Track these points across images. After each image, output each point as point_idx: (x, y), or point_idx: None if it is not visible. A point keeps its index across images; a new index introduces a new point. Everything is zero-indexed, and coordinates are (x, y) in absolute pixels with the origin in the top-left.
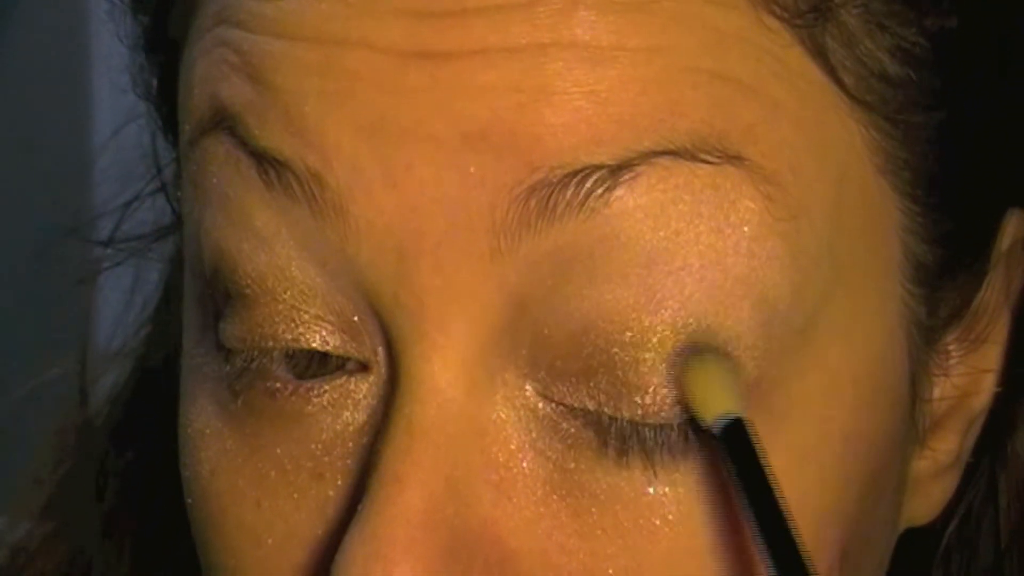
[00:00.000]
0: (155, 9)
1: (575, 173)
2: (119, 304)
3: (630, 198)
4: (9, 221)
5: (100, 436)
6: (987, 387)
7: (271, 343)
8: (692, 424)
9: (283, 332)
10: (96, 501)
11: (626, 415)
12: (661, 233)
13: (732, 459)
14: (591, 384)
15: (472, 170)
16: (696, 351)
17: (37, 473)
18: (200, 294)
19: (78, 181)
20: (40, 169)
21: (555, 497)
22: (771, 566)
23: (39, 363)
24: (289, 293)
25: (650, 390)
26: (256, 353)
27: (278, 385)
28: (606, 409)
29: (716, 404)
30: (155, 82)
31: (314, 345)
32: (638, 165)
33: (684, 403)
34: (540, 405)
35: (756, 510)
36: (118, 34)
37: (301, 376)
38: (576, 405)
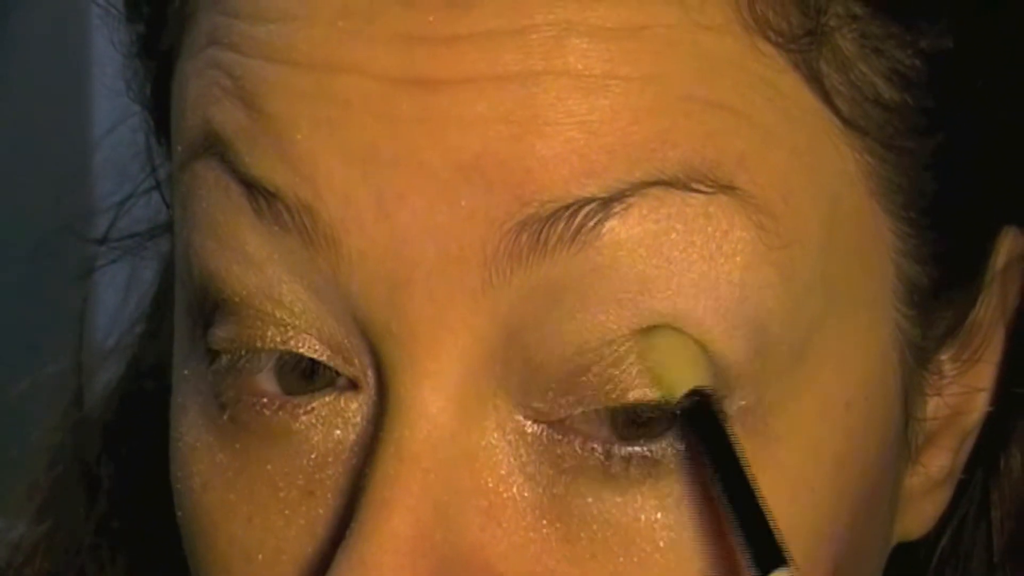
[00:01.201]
0: (148, 20)
1: (566, 207)
2: (115, 302)
3: (622, 229)
4: (5, 218)
5: (95, 434)
6: (980, 405)
7: (259, 344)
8: (687, 444)
9: (272, 335)
10: (90, 500)
11: (623, 436)
12: (654, 261)
13: (700, 434)
14: (586, 406)
15: (463, 203)
16: (657, 328)
17: (33, 471)
18: (189, 307)
19: (75, 179)
20: (37, 167)
21: (545, 522)
22: (743, 541)
23: (35, 361)
24: (279, 313)
25: (647, 410)
26: (244, 352)
27: (264, 400)
28: (602, 431)
29: (682, 380)
30: (148, 89)
31: (302, 350)
32: (630, 196)
33: (653, 383)
34: (531, 429)
35: (725, 485)
36: (112, 40)
37: (289, 392)
38: (570, 428)
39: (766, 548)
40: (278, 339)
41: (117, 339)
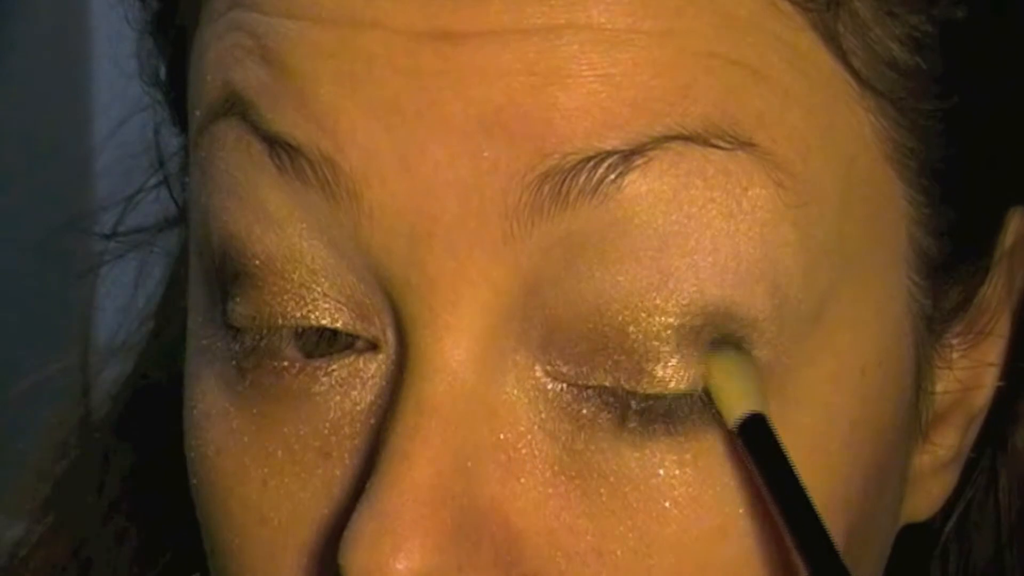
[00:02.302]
0: None
1: (588, 159)
2: (122, 298)
3: (643, 183)
4: (11, 214)
5: (102, 430)
6: (989, 382)
7: (280, 321)
8: (709, 400)
9: (292, 310)
10: (97, 494)
11: (643, 391)
12: (673, 217)
13: (754, 457)
14: (606, 363)
15: (485, 155)
16: (717, 348)
17: (39, 467)
18: (207, 276)
19: (80, 174)
20: (42, 163)
21: (564, 478)
22: (808, 565)
23: (42, 357)
24: (299, 273)
25: (667, 366)
26: (265, 331)
27: (286, 364)
28: (625, 386)
29: (739, 403)
30: (163, 68)
31: (323, 322)
32: (651, 150)
33: (707, 400)
34: (551, 386)
35: (785, 508)
36: (126, 17)
37: (310, 355)
38: (590, 384)
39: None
40: (298, 313)
41: (125, 336)
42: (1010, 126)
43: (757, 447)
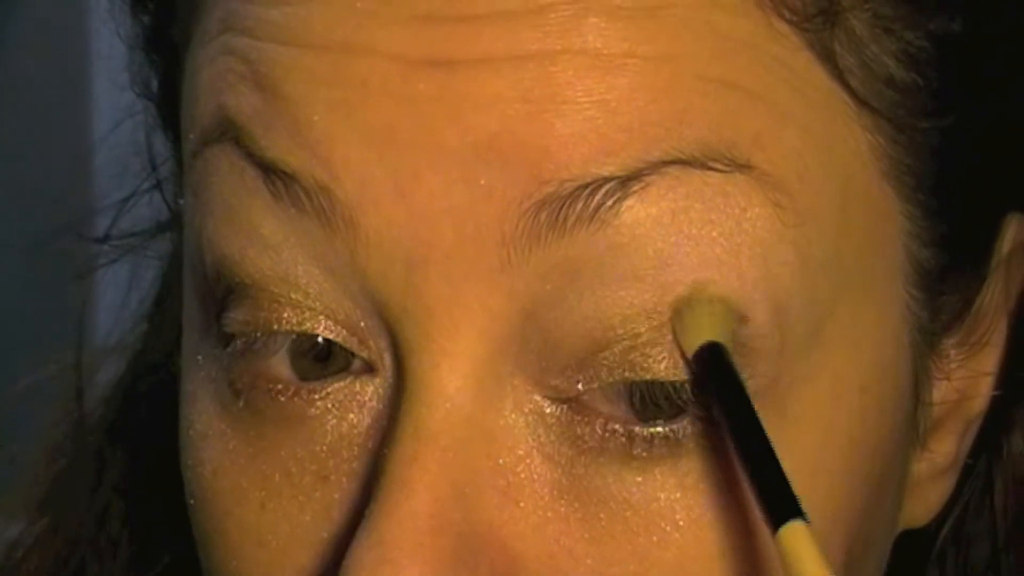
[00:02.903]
0: (156, 10)
1: (585, 186)
2: (116, 301)
3: (640, 208)
4: (6, 217)
5: (96, 432)
6: (985, 390)
7: (275, 327)
8: (708, 420)
9: (288, 317)
10: (91, 496)
11: (640, 415)
12: (673, 239)
13: (714, 387)
14: (605, 384)
15: (482, 182)
16: (689, 303)
17: (33, 470)
18: (201, 293)
19: (76, 178)
20: (38, 166)
21: (563, 502)
22: (757, 493)
23: (35, 360)
24: (295, 295)
25: (669, 385)
26: (259, 335)
27: (280, 386)
28: (619, 410)
29: (700, 335)
30: (155, 82)
31: (319, 331)
32: (648, 175)
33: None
34: (549, 409)
35: (738, 437)
36: (118, 32)
37: (304, 377)
38: (589, 408)
39: (780, 498)
40: (294, 320)
41: (118, 338)
42: (1007, 136)
43: (715, 377)
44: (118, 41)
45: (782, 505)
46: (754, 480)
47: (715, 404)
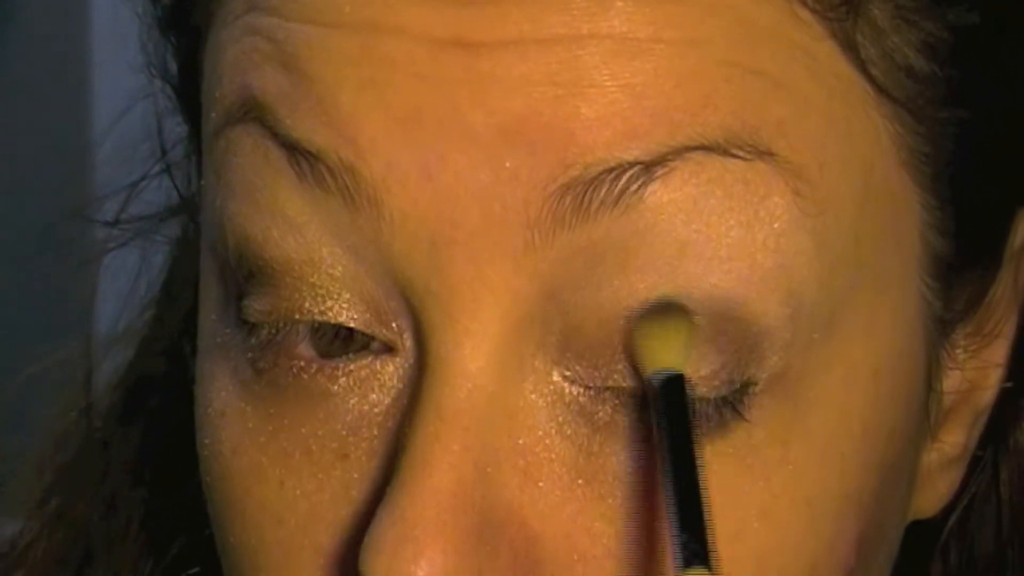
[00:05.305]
0: None
1: (610, 170)
2: (124, 286)
3: (664, 193)
4: (12, 202)
5: (103, 419)
6: (995, 381)
7: (297, 316)
8: (725, 402)
9: (309, 306)
10: (99, 484)
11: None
12: (693, 226)
13: (664, 412)
14: (623, 368)
15: (507, 165)
16: (661, 306)
17: (40, 458)
18: (221, 274)
19: (82, 162)
20: (44, 150)
21: (581, 481)
22: (675, 528)
23: (43, 346)
24: (317, 276)
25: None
26: (281, 325)
27: (302, 363)
28: (635, 392)
29: (664, 358)
30: (174, 64)
31: (340, 319)
32: (672, 160)
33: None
34: (568, 391)
35: (675, 465)
36: (136, 12)
37: (325, 354)
38: (607, 386)
39: (695, 542)
40: (315, 310)
41: (127, 324)
42: (1021, 131)
43: (670, 404)
44: (120, 29)
45: (693, 553)
46: (677, 515)
47: (658, 434)
